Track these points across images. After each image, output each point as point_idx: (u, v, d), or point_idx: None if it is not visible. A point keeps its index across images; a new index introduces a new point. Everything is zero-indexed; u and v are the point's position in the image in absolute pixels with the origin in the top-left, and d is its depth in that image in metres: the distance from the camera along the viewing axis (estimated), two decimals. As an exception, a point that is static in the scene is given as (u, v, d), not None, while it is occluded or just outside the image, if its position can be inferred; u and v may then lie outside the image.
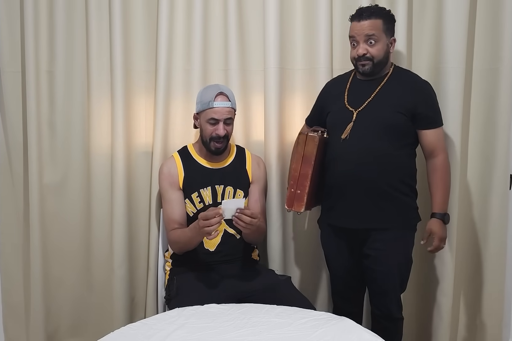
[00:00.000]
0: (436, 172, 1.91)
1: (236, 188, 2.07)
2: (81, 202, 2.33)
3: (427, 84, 1.95)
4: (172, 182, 2.04)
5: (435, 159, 1.91)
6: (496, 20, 2.15)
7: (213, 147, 2.01)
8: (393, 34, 1.92)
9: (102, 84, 2.26)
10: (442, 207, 1.90)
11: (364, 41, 1.86)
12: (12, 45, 2.26)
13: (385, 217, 1.89)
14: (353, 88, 1.96)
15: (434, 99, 1.94)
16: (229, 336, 1.46)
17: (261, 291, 1.89)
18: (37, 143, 2.26)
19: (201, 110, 2.00)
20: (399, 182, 1.89)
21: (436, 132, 1.91)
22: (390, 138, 1.87)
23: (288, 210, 1.97)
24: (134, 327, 1.55)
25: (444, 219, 1.91)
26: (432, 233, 1.90)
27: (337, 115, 1.96)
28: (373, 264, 1.93)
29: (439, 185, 1.90)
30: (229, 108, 1.99)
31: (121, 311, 2.27)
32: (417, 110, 1.87)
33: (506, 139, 2.17)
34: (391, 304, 1.97)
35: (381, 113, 1.87)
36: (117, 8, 2.18)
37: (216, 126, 1.98)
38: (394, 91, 1.90)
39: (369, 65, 1.88)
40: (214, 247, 2.03)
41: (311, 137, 1.93)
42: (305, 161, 1.93)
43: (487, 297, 2.27)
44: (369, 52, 1.86)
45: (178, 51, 2.24)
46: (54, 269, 2.35)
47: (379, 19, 1.85)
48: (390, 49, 1.90)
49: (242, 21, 2.24)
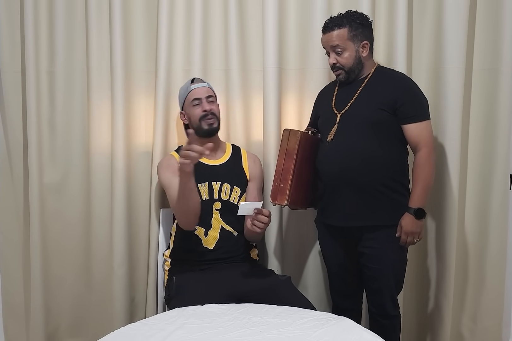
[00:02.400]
0: (416, 167, 1.90)
1: (233, 185, 2.08)
2: (81, 202, 2.33)
3: (407, 79, 1.96)
4: (174, 170, 1.94)
5: (417, 154, 1.90)
6: (496, 20, 2.15)
7: (205, 126, 2.04)
8: (364, 38, 1.93)
9: (102, 84, 2.26)
10: (416, 202, 1.88)
11: (333, 52, 1.93)
12: (12, 45, 2.26)
13: (376, 215, 1.90)
14: (340, 92, 2.01)
15: (415, 93, 1.93)
16: (229, 336, 1.45)
17: (261, 291, 1.89)
18: (37, 143, 2.25)
19: (183, 101, 2.09)
20: (389, 179, 1.90)
21: (419, 126, 1.89)
22: (375, 136, 1.89)
23: (273, 203, 2.02)
24: (134, 327, 1.54)
25: (416, 214, 1.88)
26: (401, 227, 1.89)
27: (323, 118, 2.02)
28: (367, 261, 1.95)
29: (416, 180, 1.89)
30: (206, 88, 2.08)
31: (121, 311, 2.27)
32: (396, 105, 1.88)
33: (506, 139, 2.17)
34: (386, 301, 1.98)
35: (362, 112, 1.90)
36: (117, 8, 2.18)
37: (201, 105, 2.05)
38: (374, 89, 1.93)
39: (342, 73, 1.95)
40: (213, 245, 2.03)
41: (293, 132, 1.99)
42: (287, 156, 1.98)
43: (487, 297, 2.27)
44: (338, 62, 1.93)
45: (178, 51, 2.24)
46: (54, 268, 2.35)
47: (343, 28, 1.90)
48: (361, 53, 1.93)
49: (242, 21, 2.24)
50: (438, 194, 2.19)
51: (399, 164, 1.95)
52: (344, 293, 2.12)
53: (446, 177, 2.16)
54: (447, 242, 2.17)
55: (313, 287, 2.36)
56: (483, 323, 2.29)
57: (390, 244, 1.92)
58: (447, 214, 2.17)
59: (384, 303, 1.98)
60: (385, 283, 1.95)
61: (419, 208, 1.88)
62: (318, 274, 2.34)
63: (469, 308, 2.32)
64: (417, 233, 1.90)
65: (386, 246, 1.92)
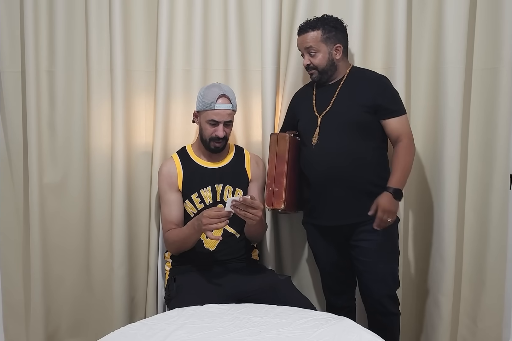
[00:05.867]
0: (397, 153, 1.94)
1: (235, 186, 2.08)
2: (81, 202, 2.33)
3: (383, 78, 2.01)
4: (171, 182, 2.05)
5: (399, 144, 1.95)
6: (496, 20, 2.15)
7: (212, 146, 2.04)
8: (337, 41, 1.98)
9: (102, 84, 2.26)
10: (396, 183, 1.90)
11: (307, 53, 2.00)
12: (12, 45, 2.26)
13: (365, 211, 1.90)
14: (318, 94, 2.05)
15: (393, 90, 2.00)
16: (229, 336, 1.45)
17: (261, 291, 1.89)
18: (37, 143, 2.25)
19: (202, 110, 2.01)
20: (376, 176, 1.95)
21: (400, 120, 1.96)
22: (359, 135, 1.93)
23: (269, 208, 2.03)
24: (134, 327, 1.54)
25: (395, 194, 1.89)
26: (378, 204, 1.88)
27: (305, 122, 2.05)
28: (360, 255, 1.98)
29: (396, 164, 1.92)
30: (229, 111, 2.01)
31: (121, 311, 2.27)
32: (376, 102, 1.93)
33: (506, 139, 2.17)
34: (383, 297, 1.99)
35: (343, 113, 1.95)
36: (117, 8, 2.18)
37: (216, 128, 2.00)
38: (353, 90, 1.98)
39: (315, 74, 2.01)
40: (214, 247, 2.03)
41: (282, 136, 2.03)
42: (279, 160, 2.02)
43: (487, 297, 2.27)
44: (312, 62, 1.99)
45: (178, 51, 2.24)
46: (54, 269, 2.35)
47: (316, 31, 1.97)
48: (334, 56, 1.98)
49: (242, 21, 2.24)
50: (438, 194, 2.20)
51: (383, 161, 2.01)
52: (337, 290, 2.15)
53: (446, 177, 2.16)
54: (447, 242, 2.17)
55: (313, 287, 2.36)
56: (483, 323, 2.29)
57: (381, 237, 1.93)
58: (447, 213, 2.17)
59: (381, 298, 1.99)
60: (379, 276, 1.97)
61: (398, 188, 1.90)
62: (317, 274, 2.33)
63: (469, 308, 2.32)
64: (393, 213, 1.89)
65: (376, 238, 1.93)
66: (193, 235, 1.90)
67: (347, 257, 2.04)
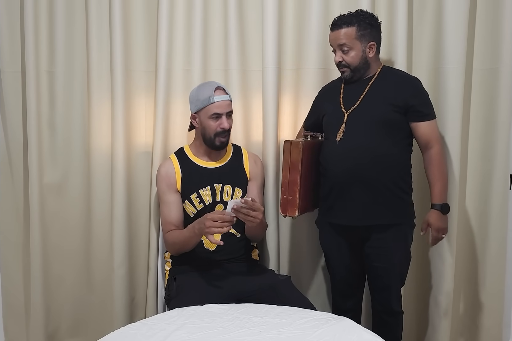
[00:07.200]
0: (432, 163, 1.93)
1: (234, 186, 2.08)
2: (81, 202, 2.33)
3: (416, 79, 1.97)
4: (170, 183, 2.05)
5: (430, 150, 1.93)
6: (496, 20, 2.15)
7: (218, 142, 2.03)
8: (372, 39, 1.93)
9: (102, 84, 2.26)
10: (439, 198, 1.91)
11: (339, 50, 1.92)
12: (12, 45, 2.26)
13: (385, 214, 1.90)
14: (346, 91, 2.00)
15: (425, 93, 1.96)
16: (229, 336, 1.45)
17: (261, 291, 1.89)
18: (37, 143, 2.25)
19: (201, 108, 2.01)
20: (398, 178, 1.92)
21: (430, 124, 1.93)
22: (384, 135, 1.89)
23: (284, 215, 2.01)
24: (134, 327, 1.54)
25: (442, 210, 1.91)
26: (429, 224, 1.91)
27: (330, 117, 2.00)
28: (375, 261, 1.96)
29: (436, 176, 1.92)
30: (228, 101, 2.02)
31: (121, 311, 2.27)
32: (408, 104, 1.89)
33: (506, 139, 2.17)
34: (392, 298, 2.00)
35: (371, 111, 1.90)
36: (117, 8, 2.18)
37: (220, 121, 2.00)
38: (382, 89, 1.93)
39: (347, 71, 1.95)
40: (214, 247, 2.03)
41: (294, 144, 1.98)
42: (292, 168, 1.98)
43: (487, 297, 2.27)
44: (344, 60, 1.92)
45: (178, 51, 2.24)
46: (54, 268, 2.35)
47: (351, 27, 1.89)
48: (368, 54, 1.93)
49: (242, 21, 2.24)
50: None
51: (407, 164, 1.97)
52: (347, 294, 2.12)
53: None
54: (447, 241, 2.17)
55: (313, 287, 2.36)
56: (483, 323, 2.29)
57: (397, 243, 1.94)
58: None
59: (391, 300, 2.00)
60: (392, 281, 1.98)
61: (444, 203, 1.91)
62: (318, 274, 2.34)
63: (469, 308, 2.32)
64: (445, 229, 1.93)
65: (393, 245, 1.93)
66: (193, 238, 1.90)
67: (360, 260, 2.02)
